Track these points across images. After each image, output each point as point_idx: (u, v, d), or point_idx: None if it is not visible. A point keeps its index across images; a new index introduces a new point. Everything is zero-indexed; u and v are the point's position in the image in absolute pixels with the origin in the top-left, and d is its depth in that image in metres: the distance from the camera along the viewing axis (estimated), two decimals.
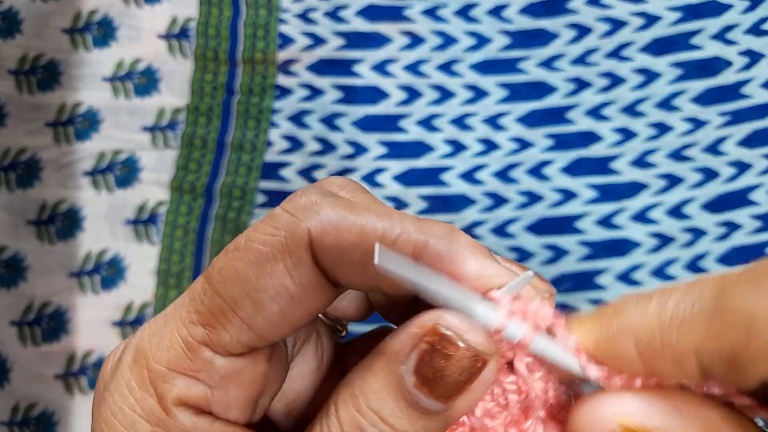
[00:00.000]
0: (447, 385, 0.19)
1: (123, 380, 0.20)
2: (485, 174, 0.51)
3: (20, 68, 0.54)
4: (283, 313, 0.19)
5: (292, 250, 0.19)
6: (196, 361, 0.19)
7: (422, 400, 0.19)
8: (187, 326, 0.20)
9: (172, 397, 0.19)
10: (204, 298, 0.20)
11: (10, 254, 0.51)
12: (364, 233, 0.19)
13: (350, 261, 0.19)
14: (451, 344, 0.19)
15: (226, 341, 0.19)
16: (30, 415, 0.49)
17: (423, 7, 0.54)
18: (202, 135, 0.53)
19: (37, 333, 0.50)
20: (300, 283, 0.19)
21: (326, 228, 0.19)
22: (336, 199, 0.19)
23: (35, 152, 0.53)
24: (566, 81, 0.52)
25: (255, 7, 0.55)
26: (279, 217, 0.19)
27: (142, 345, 0.20)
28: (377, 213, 0.19)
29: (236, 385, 0.20)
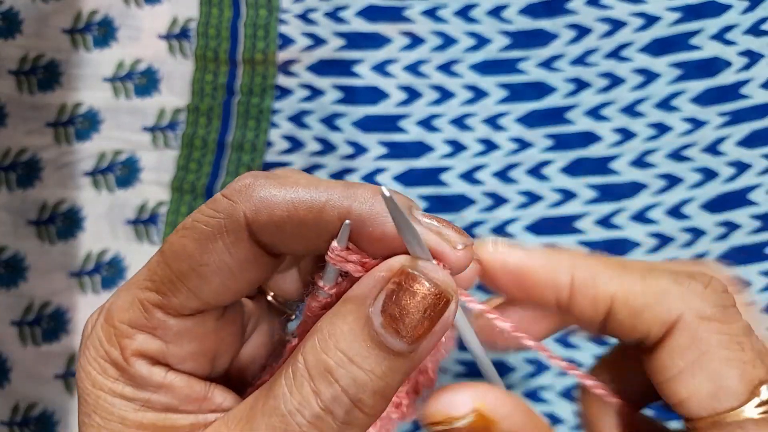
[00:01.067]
0: (413, 324, 0.20)
1: (96, 336, 0.23)
2: (485, 174, 0.52)
3: (20, 68, 0.54)
4: (224, 284, 0.22)
5: (230, 230, 0.22)
6: (152, 321, 0.23)
7: (388, 340, 0.20)
8: (144, 292, 0.23)
9: (132, 349, 0.23)
10: (157, 269, 0.23)
11: (10, 254, 0.51)
12: (293, 206, 0.21)
13: (285, 233, 0.21)
14: (418, 282, 0.20)
15: (176, 305, 0.23)
16: (30, 415, 0.49)
17: (423, 7, 0.54)
18: (203, 135, 0.53)
19: (37, 333, 0.50)
20: (238, 258, 0.22)
21: (258, 208, 0.21)
22: (266, 180, 0.22)
23: (35, 152, 0.53)
24: (566, 81, 0.52)
25: (255, 8, 0.55)
26: (219, 201, 0.22)
27: (111, 308, 0.24)
28: (304, 185, 0.21)
29: (188, 340, 0.23)
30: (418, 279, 0.20)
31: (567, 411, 0.48)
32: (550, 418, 0.48)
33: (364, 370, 0.20)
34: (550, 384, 0.48)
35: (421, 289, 0.20)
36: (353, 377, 0.20)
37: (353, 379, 0.20)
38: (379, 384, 0.20)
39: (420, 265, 0.21)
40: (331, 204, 0.21)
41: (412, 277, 0.20)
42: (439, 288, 0.20)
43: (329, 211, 0.21)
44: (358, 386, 0.20)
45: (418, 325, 0.20)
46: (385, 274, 0.21)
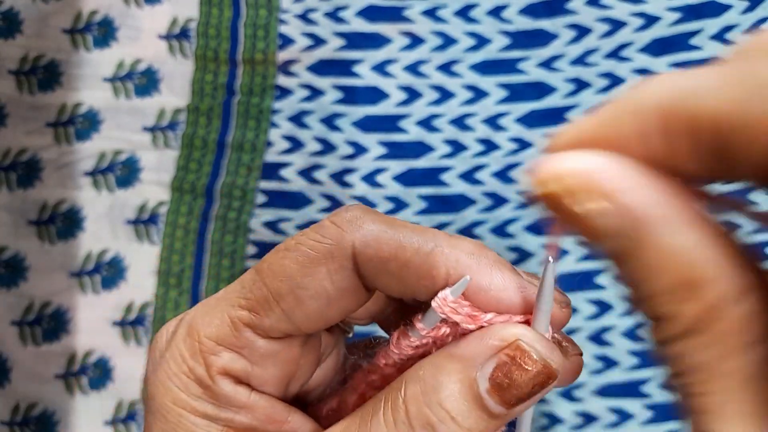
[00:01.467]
0: (516, 395, 0.21)
1: (177, 350, 0.23)
2: (485, 174, 0.52)
3: (21, 68, 0.54)
4: (320, 311, 0.22)
5: (335, 257, 0.22)
6: (240, 339, 0.23)
7: (491, 405, 0.21)
8: (236, 309, 0.23)
9: (218, 367, 0.23)
10: (253, 287, 0.23)
11: (10, 254, 0.51)
12: (401, 246, 0.22)
13: (388, 270, 0.22)
14: (531, 360, 0.21)
15: (267, 327, 0.23)
16: (30, 415, 0.49)
17: (423, 7, 0.54)
18: (203, 135, 0.54)
19: (37, 333, 0.50)
20: (338, 286, 0.22)
21: (368, 241, 0.22)
22: (377, 215, 0.22)
23: (36, 152, 0.53)
24: (566, 81, 0.52)
25: (255, 8, 0.55)
26: (327, 227, 0.22)
27: (194, 321, 0.23)
28: (412, 229, 0.22)
29: (272, 363, 0.23)
30: (532, 357, 0.21)
31: (567, 411, 0.48)
32: (549, 418, 0.48)
33: (464, 428, 0.21)
34: None
35: (533, 367, 0.21)
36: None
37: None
38: None
39: (534, 341, 0.21)
40: (438, 251, 0.22)
41: (526, 354, 0.21)
42: (550, 368, 0.21)
43: (437, 257, 0.22)
44: None
45: (522, 396, 0.21)
46: (498, 344, 0.21)
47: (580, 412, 0.48)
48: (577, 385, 0.48)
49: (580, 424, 0.48)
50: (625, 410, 0.48)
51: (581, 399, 0.48)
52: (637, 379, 0.48)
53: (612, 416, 0.48)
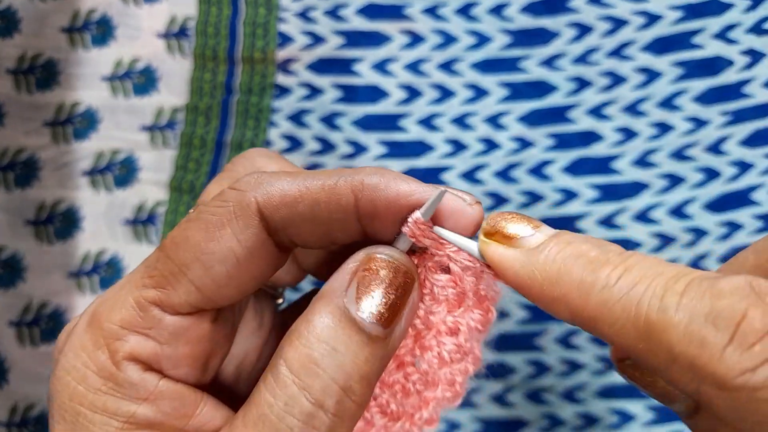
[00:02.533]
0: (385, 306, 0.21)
1: (77, 341, 0.22)
2: (486, 173, 0.51)
3: (19, 67, 0.53)
4: (229, 275, 0.22)
5: (239, 215, 0.21)
6: (147, 319, 0.22)
7: (365, 325, 0.21)
8: (140, 289, 0.22)
9: (124, 352, 0.21)
10: (157, 264, 0.22)
11: (8, 254, 0.51)
12: (305, 187, 0.21)
13: (298, 214, 0.21)
14: (384, 263, 0.22)
15: (176, 301, 0.22)
16: (28, 416, 0.49)
17: (423, 5, 0.54)
18: (201, 134, 0.53)
19: (35, 333, 0.50)
20: (246, 245, 0.22)
21: (272, 192, 0.21)
22: (278, 173, 0.22)
23: (34, 152, 0.53)
24: (567, 80, 0.52)
25: (254, 6, 0.55)
26: (227, 192, 0.22)
27: (96, 310, 0.22)
28: (313, 173, 0.22)
29: (184, 342, 0.22)
30: (382, 260, 0.22)
31: (568, 412, 0.48)
32: (551, 419, 0.48)
33: (348, 356, 0.20)
34: (550, 385, 0.48)
35: (387, 270, 0.22)
36: (339, 364, 0.20)
37: (339, 365, 0.20)
38: (364, 369, 0.21)
39: (384, 250, 0.22)
40: (342, 181, 0.22)
41: (377, 261, 0.22)
42: (403, 267, 0.22)
43: (343, 187, 0.22)
44: (346, 374, 0.20)
45: (390, 304, 0.21)
46: (354, 265, 0.22)
47: (581, 413, 0.48)
48: (578, 387, 0.48)
49: (582, 426, 0.47)
50: (627, 411, 0.47)
51: (583, 400, 0.48)
52: None
53: (613, 417, 0.47)
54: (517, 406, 0.48)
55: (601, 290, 0.19)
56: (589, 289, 0.19)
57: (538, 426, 0.48)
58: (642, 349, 0.18)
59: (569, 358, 0.48)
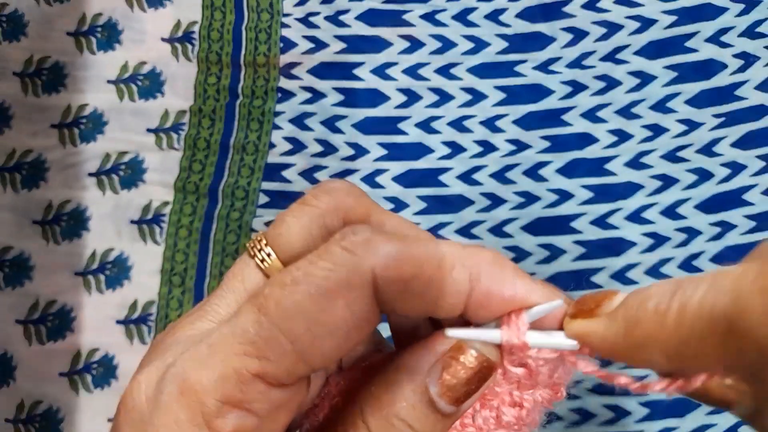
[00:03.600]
0: (464, 391, 0.22)
1: (171, 415, 0.20)
2: (483, 175, 0.52)
3: (25, 70, 0.54)
4: (337, 347, 0.20)
5: (354, 286, 0.20)
6: (249, 393, 0.20)
7: (442, 406, 0.22)
8: (240, 357, 0.20)
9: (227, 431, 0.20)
10: (260, 330, 0.20)
11: (15, 254, 0.52)
12: (421, 265, 0.20)
13: (411, 291, 0.21)
14: (472, 356, 0.22)
15: (280, 374, 0.20)
16: (35, 413, 0.50)
17: (422, 11, 0.54)
18: (206, 137, 0.54)
19: (42, 331, 0.51)
20: (357, 317, 0.20)
21: (388, 264, 0.20)
22: (388, 235, 0.21)
23: (40, 153, 0.53)
24: (562, 84, 0.53)
25: (257, 12, 0.55)
26: (337, 254, 0.20)
27: (188, 377, 0.20)
28: (426, 242, 0.21)
29: (284, 412, 0.21)
30: (473, 354, 0.22)
31: (563, 408, 0.48)
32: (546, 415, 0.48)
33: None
34: None
35: (475, 363, 0.22)
36: None
37: None
38: None
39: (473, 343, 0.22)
40: (460, 265, 0.21)
41: (465, 352, 0.22)
42: (489, 361, 0.22)
43: (460, 272, 0.21)
44: None
45: (469, 392, 0.22)
46: (443, 349, 0.22)
47: (575, 408, 0.48)
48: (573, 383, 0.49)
49: (577, 421, 0.48)
50: (622, 407, 0.48)
51: (577, 396, 0.48)
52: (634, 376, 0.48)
53: (608, 413, 0.48)
54: None
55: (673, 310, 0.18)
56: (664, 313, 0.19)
57: None
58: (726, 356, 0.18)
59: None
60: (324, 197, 0.24)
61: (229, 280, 0.24)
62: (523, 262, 0.50)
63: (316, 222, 0.24)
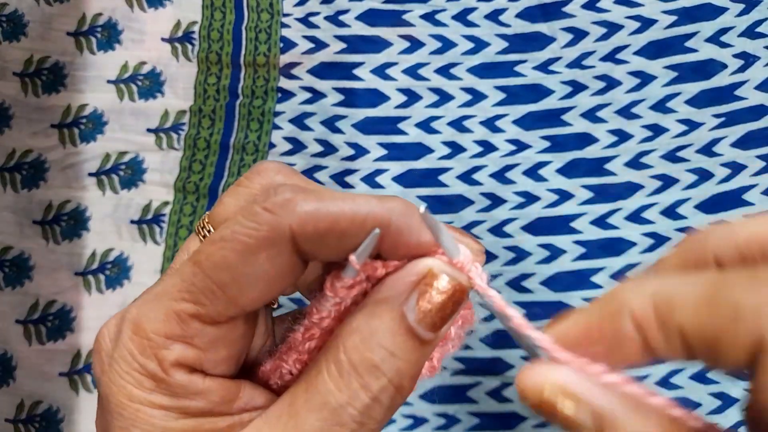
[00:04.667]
0: (440, 316, 0.24)
1: (126, 350, 0.24)
2: (483, 175, 0.52)
3: (25, 70, 0.54)
4: (262, 292, 0.24)
5: (274, 242, 0.23)
6: (188, 330, 0.23)
7: (421, 332, 0.23)
8: (180, 302, 0.23)
9: (171, 360, 0.23)
10: (194, 280, 0.23)
11: (15, 253, 0.52)
12: (335, 219, 0.23)
13: (328, 243, 0.23)
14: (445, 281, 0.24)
15: (213, 315, 0.23)
16: (35, 413, 0.50)
17: (422, 11, 0.54)
18: (206, 137, 0.54)
19: (42, 331, 0.51)
20: (279, 268, 0.23)
21: (304, 221, 0.23)
22: (306, 194, 0.23)
23: (40, 153, 0.53)
24: (562, 84, 0.53)
25: (257, 12, 0.55)
26: (260, 214, 0.23)
27: (139, 319, 0.24)
28: (343, 198, 0.23)
29: (222, 346, 0.24)
30: (443, 278, 0.24)
31: None
32: None
33: (404, 360, 0.23)
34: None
35: (446, 287, 0.24)
36: (397, 368, 0.23)
37: (397, 370, 0.23)
38: (415, 369, 0.24)
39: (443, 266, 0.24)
40: (372, 216, 0.23)
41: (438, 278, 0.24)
42: (460, 284, 0.24)
43: (370, 223, 0.23)
44: (401, 375, 0.23)
45: (445, 317, 0.24)
46: (416, 278, 0.24)
47: None
48: None
49: None
50: None
51: None
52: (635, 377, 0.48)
53: None
54: (513, 402, 0.48)
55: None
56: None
57: (534, 421, 0.48)
58: None
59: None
60: (256, 178, 0.27)
61: (178, 254, 0.28)
62: (523, 262, 0.50)
63: (249, 200, 0.26)
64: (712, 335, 0.19)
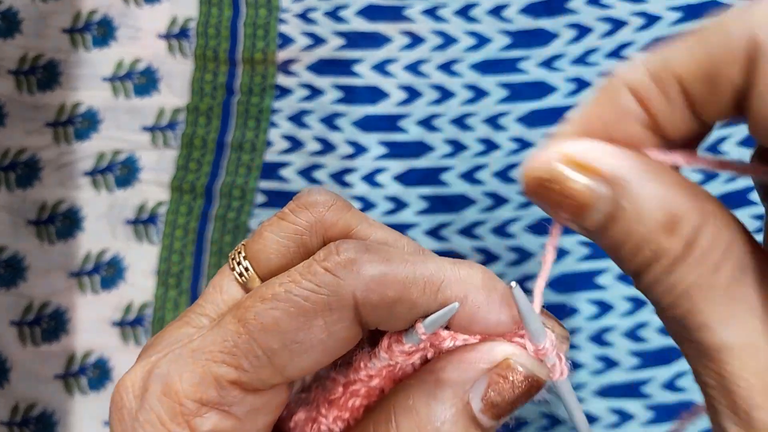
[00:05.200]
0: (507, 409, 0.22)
1: (154, 413, 0.21)
2: (485, 174, 0.52)
3: (20, 68, 0.54)
4: (314, 361, 0.21)
5: (334, 309, 0.20)
6: (227, 398, 0.21)
7: (484, 422, 0.22)
8: (219, 365, 0.21)
9: (204, 430, 0.21)
10: (239, 342, 0.21)
11: (9, 254, 0.51)
12: (406, 288, 0.21)
13: (394, 313, 0.21)
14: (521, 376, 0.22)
15: (257, 384, 0.21)
16: (29, 415, 0.49)
17: (423, 6, 0.54)
18: (202, 135, 0.54)
19: (36, 333, 0.51)
20: (336, 338, 0.21)
21: (370, 287, 0.20)
22: (372, 255, 0.21)
23: (35, 152, 0.53)
24: (566, 81, 0.52)
25: (255, 7, 0.55)
26: (321, 275, 0.21)
27: (170, 379, 0.21)
28: (413, 262, 0.21)
29: (262, 415, 0.22)
30: (522, 374, 0.22)
31: None
32: (550, 418, 0.48)
33: None
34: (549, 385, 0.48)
35: (523, 383, 0.22)
36: None
37: None
38: None
39: (522, 358, 0.22)
40: (447, 285, 0.21)
41: (514, 371, 0.22)
42: (537, 380, 0.22)
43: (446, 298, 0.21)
44: None
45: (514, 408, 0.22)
46: (488, 365, 0.22)
47: None
48: (577, 386, 0.48)
49: None
50: (626, 411, 0.48)
51: (582, 399, 0.48)
52: (637, 379, 0.48)
53: (612, 417, 0.48)
54: None
55: None
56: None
57: (538, 425, 0.48)
58: None
59: (568, 358, 0.49)
60: (303, 214, 0.24)
61: (209, 290, 0.25)
62: (526, 263, 0.50)
63: (294, 240, 0.24)
64: (708, 63, 0.18)
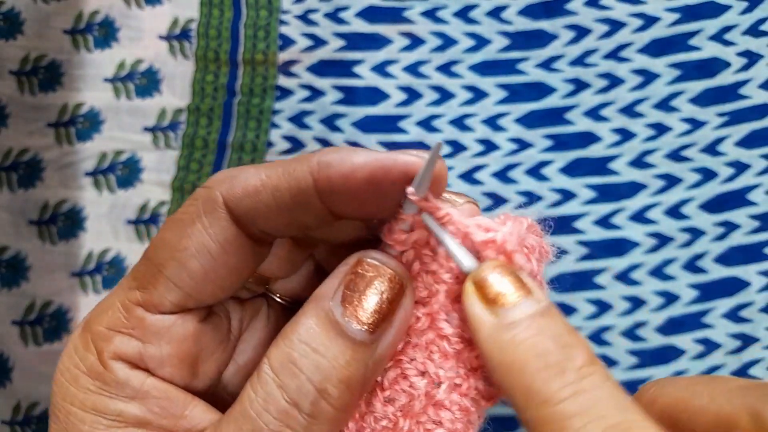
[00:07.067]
0: (371, 309, 0.21)
1: (71, 345, 0.23)
2: (484, 174, 0.52)
3: (22, 69, 0.54)
4: (205, 270, 0.22)
5: (207, 211, 0.22)
6: (131, 320, 0.22)
7: (349, 328, 0.20)
8: (126, 292, 0.23)
9: (109, 352, 0.22)
10: (139, 266, 0.23)
11: (11, 254, 0.51)
12: (266, 176, 0.22)
13: (263, 203, 0.22)
14: (372, 266, 0.21)
15: (157, 300, 0.22)
16: (31, 414, 0.49)
17: (423, 8, 0.54)
18: (203, 135, 0.54)
19: (38, 333, 0.50)
20: (217, 239, 0.22)
21: (235, 185, 0.22)
22: (244, 167, 0.23)
23: (37, 152, 0.53)
24: (565, 82, 0.52)
25: (256, 9, 0.55)
26: (196, 191, 0.23)
27: (89, 317, 0.23)
28: (275, 162, 0.22)
29: (167, 341, 0.23)
30: (372, 265, 0.21)
31: None
32: None
33: (327, 358, 0.20)
34: None
35: (374, 273, 0.21)
36: (316, 365, 0.20)
37: (316, 366, 0.20)
38: (344, 373, 0.20)
39: (373, 254, 0.22)
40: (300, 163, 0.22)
41: (365, 265, 0.21)
42: (392, 273, 0.21)
43: (299, 169, 0.21)
44: (323, 375, 0.20)
45: (377, 310, 0.21)
46: (344, 268, 0.22)
47: None
48: None
49: None
50: None
51: None
52: (636, 378, 0.48)
53: None
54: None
55: (540, 405, 0.19)
56: (533, 397, 0.19)
57: None
58: None
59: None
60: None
61: None
62: None
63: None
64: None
